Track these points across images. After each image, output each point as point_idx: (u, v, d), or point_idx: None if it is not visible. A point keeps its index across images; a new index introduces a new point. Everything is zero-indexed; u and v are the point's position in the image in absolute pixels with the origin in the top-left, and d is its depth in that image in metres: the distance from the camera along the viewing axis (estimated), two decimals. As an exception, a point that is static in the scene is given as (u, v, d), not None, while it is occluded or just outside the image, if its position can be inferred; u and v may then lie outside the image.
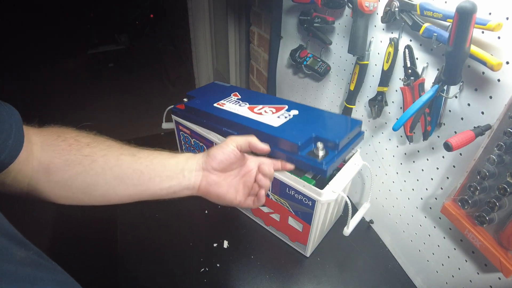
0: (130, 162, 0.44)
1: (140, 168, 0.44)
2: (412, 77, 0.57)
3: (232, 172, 0.50)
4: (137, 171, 0.44)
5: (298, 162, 0.58)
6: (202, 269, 0.68)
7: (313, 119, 0.68)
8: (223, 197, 0.48)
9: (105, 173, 0.42)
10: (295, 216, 0.66)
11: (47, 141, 0.41)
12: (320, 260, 0.71)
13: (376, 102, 0.68)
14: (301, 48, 0.93)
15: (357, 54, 0.68)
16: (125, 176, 0.44)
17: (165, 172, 0.46)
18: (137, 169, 0.44)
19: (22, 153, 0.37)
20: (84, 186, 0.42)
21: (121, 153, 0.44)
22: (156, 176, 0.45)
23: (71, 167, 0.41)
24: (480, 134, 0.45)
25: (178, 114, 0.82)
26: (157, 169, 0.45)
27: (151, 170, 0.45)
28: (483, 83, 0.46)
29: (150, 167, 0.45)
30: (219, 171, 0.48)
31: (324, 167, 0.55)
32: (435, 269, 0.62)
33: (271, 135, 0.62)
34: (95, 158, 0.42)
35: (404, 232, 0.70)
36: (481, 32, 0.45)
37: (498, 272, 0.48)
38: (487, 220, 0.44)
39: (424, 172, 0.61)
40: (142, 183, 0.44)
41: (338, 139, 0.58)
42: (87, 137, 0.44)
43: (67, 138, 0.42)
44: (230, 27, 1.65)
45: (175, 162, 0.47)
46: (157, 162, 0.46)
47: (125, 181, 0.44)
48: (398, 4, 0.56)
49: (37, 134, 0.41)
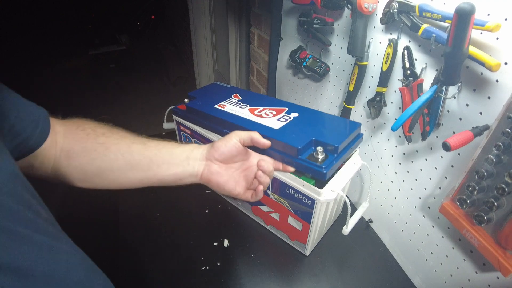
0: (141, 150, 0.49)
1: (150, 155, 0.49)
2: (411, 78, 0.57)
3: (234, 164, 0.54)
4: (146, 158, 0.48)
5: (298, 165, 0.59)
6: (203, 268, 0.68)
7: (312, 121, 0.68)
8: (222, 186, 0.52)
9: (117, 159, 0.47)
10: (294, 215, 0.67)
11: (69, 131, 0.48)
12: (320, 259, 0.71)
13: (375, 102, 0.68)
14: (300, 49, 0.94)
15: (356, 55, 0.68)
16: (135, 163, 0.48)
17: (172, 160, 0.50)
18: (147, 156, 0.49)
19: (47, 140, 0.43)
20: (99, 171, 0.48)
21: (133, 142, 0.49)
22: (164, 163, 0.49)
23: (88, 154, 0.47)
24: (478, 134, 0.45)
25: (179, 115, 0.82)
26: (165, 157, 0.50)
27: (160, 157, 0.49)
28: (482, 83, 0.47)
29: (158, 155, 0.49)
30: (221, 162, 0.52)
31: (324, 170, 0.56)
32: (434, 268, 0.63)
33: (271, 138, 0.62)
34: (108, 146, 0.47)
35: (403, 231, 0.70)
36: (479, 33, 0.45)
37: (497, 272, 0.48)
38: (485, 220, 0.45)
39: (423, 172, 0.62)
40: (151, 168, 0.49)
41: (337, 142, 0.59)
42: (103, 127, 0.50)
43: (86, 128, 0.49)
44: (231, 28, 1.66)
45: (181, 151, 0.51)
46: (165, 151, 0.50)
47: (135, 167, 0.48)
48: (397, 5, 0.56)
49: (60, 124, 0.48)
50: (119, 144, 0.48)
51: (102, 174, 0.48)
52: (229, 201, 0.85)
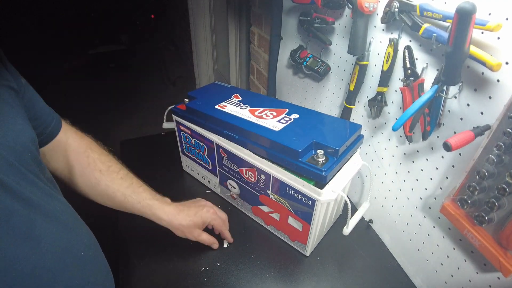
0: (121, 202, 0.60)
1: (127, 207, 0.61)
2: (412, 78, 0.57)
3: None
4: (123, 207, 0.61)
5: (298, 168, 0.59)
6: (202, 268, 0.68)
7: (313, 123, 0.68)
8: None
9: (102, 195, 0.59)
10: (295, 216, 0.67)
11: (78, 149, 0.58)
12: (320, 260, 0.71)
13: (376, 102, 0.68)
14: (301, 49, 0.94)
15: (357, 55, 0.68)
16: (114, 205, 0.61)
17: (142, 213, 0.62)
18: (124, 207, 0.61)
19: (55, 141, 0.55)
20: (92, 195, 0.60)
21: (117, 190, 0.59)
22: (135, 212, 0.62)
23: (85, 180, 0.58)
24: (479, 134, 0.45)
25: (179, 115, 0.82)
26: (139, 210, 0.61)
27: (135, 209, 0.61)
28: (483, 83, 0.47)
29: (134, 207, 0.61)
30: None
31: (324, 173, 0.56)
32: (435, 268, 0.62)
33: (272, 140, 0.62)
34: (99, 182, 0.58)
35: (404, 231, 0.70)
36: (480, 33, 0.45)
37: (497, 272, 0.48)
38: (486, 220, 0.44)
39: (424, 172, 0.62)
40: (128, 210, 0.62)
41: (338, 145, 0.59)
42: (104, 163, 0.59)
43: (90, 156, 0.58)
44: (231, 28, 1.65)
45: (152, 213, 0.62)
46: (140, 207, 0.61)
47: (115, 206, 0.61)
48: (398, 5, 0.56)
49: (74, 138, 0.58)
50: (107, 187, 0.58)
51: (94, 198, 0.60)
52: (229, 202, 0.85)
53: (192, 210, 0.64)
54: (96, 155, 0.59)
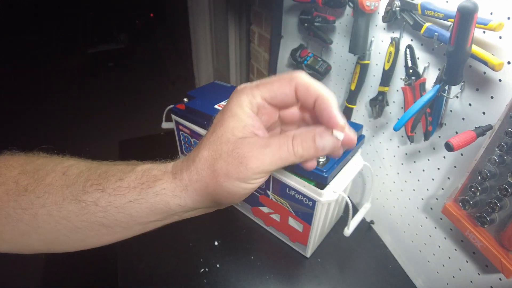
0: (78, 214, 0.29)
1: (95, 220, 0.29)
2: (413, 77, 0.57)
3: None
4: (93, 225, 0.29)
5: (298, 168, 0.59)
6: (202, 270, 0.67)
7: None
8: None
9: (57, 228, 0.29)
10: (295, 217, 0.66)
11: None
12: (321, 261, 0.71)
13: (377, 102, 0.68)
14: (301, 48, 0.93)
15: (358, 54, 0.68)
16: (81, 230, 0.29)
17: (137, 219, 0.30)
18: (92, 222, 0.29)
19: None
20: (40, 244, 0.31)
21: (64, 198, 0.29)
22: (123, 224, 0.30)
23: (15, 227, 0.29)
24: (481, 134, 0.45)
25: (178, 114, 0.82)
26: (120, 218, 0.29)
27: (113, 220, 0.29)
28: (485, 83, 0.46)
29: (109, 217, 0.29)
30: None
31: (325, 174, 0.56)
32: (436, 269, 0.62)
33: None
34: (35, 211, 0.29)
35: (405, 232, 0.70)
36: (482, 32, 0.45)
37: (499, 273, 0.48)
38: (488, 221, 0.44)
39: (425, 173, 0.61)
40: (110, 232, 0.30)
41: None
42: (28, 172, 0.31)
43: (7, 180, 0.30)
44: (231, 26, 1.65)
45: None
46: (117, 209, 0.29)
47: (85, 234, 0.30)
48: (399, 4, 0.56)
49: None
50: (46, 206, 0.29)
51: (46, 246, 0.31)
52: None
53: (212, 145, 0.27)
54: (16, 172, 0.30)
